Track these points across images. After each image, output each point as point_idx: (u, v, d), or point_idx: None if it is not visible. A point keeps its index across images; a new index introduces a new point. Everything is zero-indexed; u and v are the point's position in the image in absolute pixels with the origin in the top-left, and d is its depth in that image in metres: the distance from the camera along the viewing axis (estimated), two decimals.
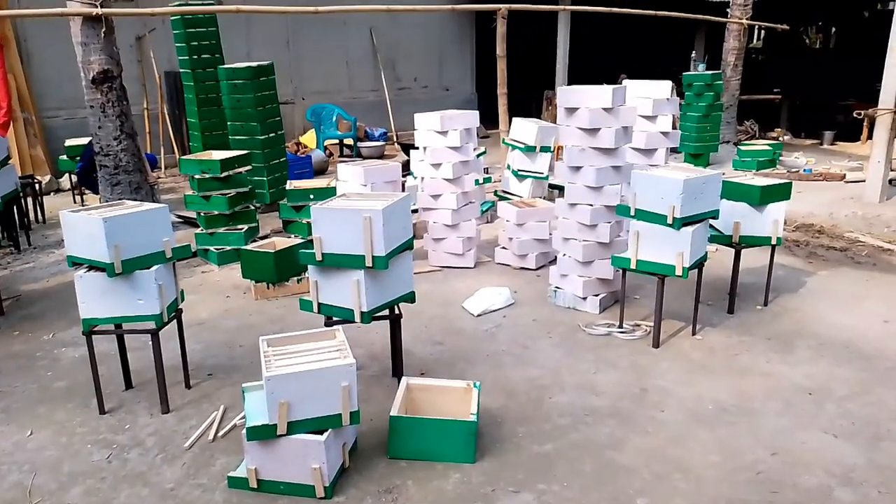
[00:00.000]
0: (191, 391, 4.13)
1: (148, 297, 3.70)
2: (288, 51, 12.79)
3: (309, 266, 3.70)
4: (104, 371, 4.30)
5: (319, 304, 3.74)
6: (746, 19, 12.18)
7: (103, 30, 6.84)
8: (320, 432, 3.04)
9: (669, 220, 4.26)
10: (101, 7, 6.74)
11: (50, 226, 8.28)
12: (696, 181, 4.28)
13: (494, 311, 5.14)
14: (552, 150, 8.00)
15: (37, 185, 8.42)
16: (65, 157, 9.13)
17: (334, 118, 12.40)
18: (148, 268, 3.70)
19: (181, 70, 9.08)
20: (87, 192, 9.05)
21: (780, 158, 11.11)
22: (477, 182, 6.68)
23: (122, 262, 3.60)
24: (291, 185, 6.91)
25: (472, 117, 6.11)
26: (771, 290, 5.32)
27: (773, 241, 4.96)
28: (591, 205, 4.94)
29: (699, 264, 4.55)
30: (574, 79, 13.60)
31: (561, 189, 8.84)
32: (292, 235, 6.82)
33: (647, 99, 5.63)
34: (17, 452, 3.53)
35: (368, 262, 3.49)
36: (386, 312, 3.80)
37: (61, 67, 9.83)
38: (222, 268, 6.40)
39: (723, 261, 5.73)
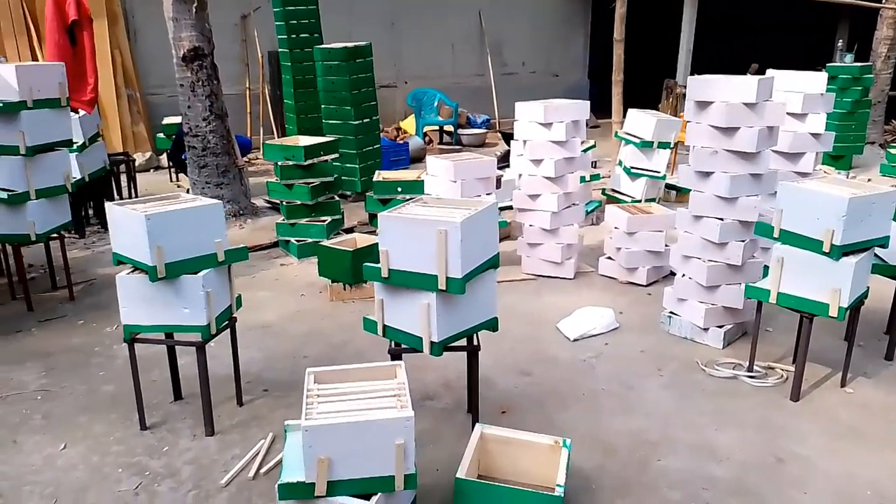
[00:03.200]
0: (242, 409, 3.67)
1: (194, 306, 3.24)
2: (391, 32, 12.32)
3: (375, 282, 3.12)
4: (156, 376, 3.95)
5: (385, 327, 3.17)
6: None
7: (194, 5, 6.54)
8: (367, 496, 2.47)
9: (826, 248, 3.39)
10: None
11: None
12: (863, 200, 3.38)
13: (595, 335, 4.41)
14: (672, 146, 7.10)
15: (131, 163, 8.34)
16: (161, 134, 9.06)
17: (436, 103, 11.85)
18: (196, 272, 3.24)
19: (280, 50, 8.77)
20: (180, 171, 8.93)
21: None
22: (583, 179, 5.93)
23: (165, 265, 3.16)
24: (380, 175, 6.38)
25: (582, 108, 5.35)
26: None
27: None
28: (722, 219, 4.11)
29: (858, 303, 3.64)
30: (698, 68, 12.41)
31: (678, 190, 7.94)
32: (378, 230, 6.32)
33: (797, 93, 4.68)
34: (45, 469, 3.18)
35: (442, 285, 2.87)
36: (462, 342, 3.17)
37: (165, 44, 9.77)
38: (302, 261, 5.98)
39: (879, 290, 4.72)
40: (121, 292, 3.27)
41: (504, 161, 9.19)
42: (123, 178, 8.18)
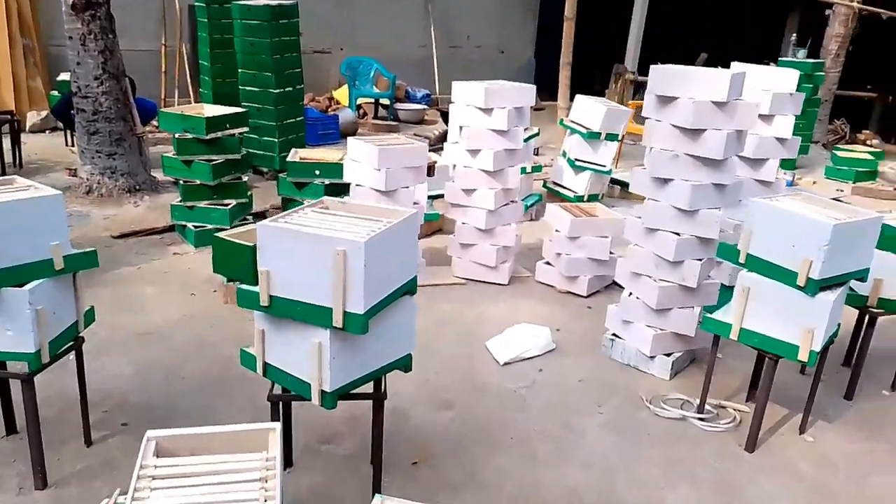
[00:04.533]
0: (91, 450, 2.95)
1: (19, 328, 2.50)
2: None
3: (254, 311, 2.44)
4: None
5: (265, 366, 2.50)
6: (857, 2, 10.39)
7: None
8: None
9: (801, 281, 2.88)
10: None
11: (28, 171, 7.17)
12: (848, 228, 2.88)
13: (528, 358, 3.85)
14: (620, 139, 6.58)
15: (17, 123, 7.31)
16: (56, 92, 8.00)
17: (372, 74, 11.04)
18: (21, 285, 2.49)
19: (196, 3, 7.82)
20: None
21: (880, 169, 9.43)
22: (523, 170, 5.34)
23: None
24: (296, 154, 5.66)
25: (527, 93, 4.73)
26: None
27: None
28: (679, 233, 3.57)
29: (828, 343, 3.17)
30: (647, 54, 11.97)
31: (622, 185, 7.45)
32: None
33: (764, 92, 4.18)
34: None
35: (337, 321, 2.22)
36: (367, 388, 2.53)
37: None
38: (200, 250, 5.20)
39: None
40: None
41: (442, 142, 8.54)
42: (7, 141, 7.18)
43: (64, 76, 7.99)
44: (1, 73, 8.71)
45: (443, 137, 8.80)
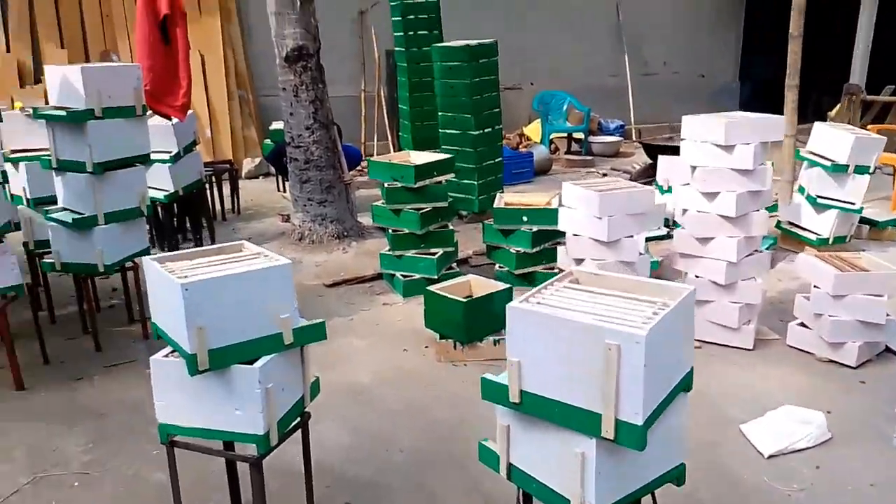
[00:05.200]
0: None
1: (248, 407, 2.33)
2: (517, 27, 11.17)
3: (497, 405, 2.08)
4: (215, 468, 3.07)
5: (510, 467, 2.12)
6: None
7: None
8: None
9: None
10: None
11: (245, 217, 7.58)
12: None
13: (799, 450, 3.17)
14: (871, 171, 5.62)
15: (235, 172, 7.76)
16: (268, 140, 8.45)
17: (564, 107, 10.66)
18: (252, 361, 2.34)
19: (396, 48, 7.92)
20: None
21: None
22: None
23: (210, 351, 2.27)
24: (501, 200, 5.37)
25: (774, 126, 4.07)
26: None
27: None
28: None
29: None
30: (877, 71, 10.54)
31: (872, 224, 6.34)
32: (499, 265, 5.31)
33: None
34: None
35: (608, 432, 1.80)
36: None
37: None
38: (408, 300, 5.05)
39: None
40: (155, 380, 2.42)
41: (646, 176, 7.93)
42: (227, 188, 7.64)
43: (276, 125, 8.42)
44: (220, 125, 9.40)
45: (646, 171, 8.19)
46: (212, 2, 9.10)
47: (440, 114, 6.96)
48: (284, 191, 8.29)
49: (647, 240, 4.97)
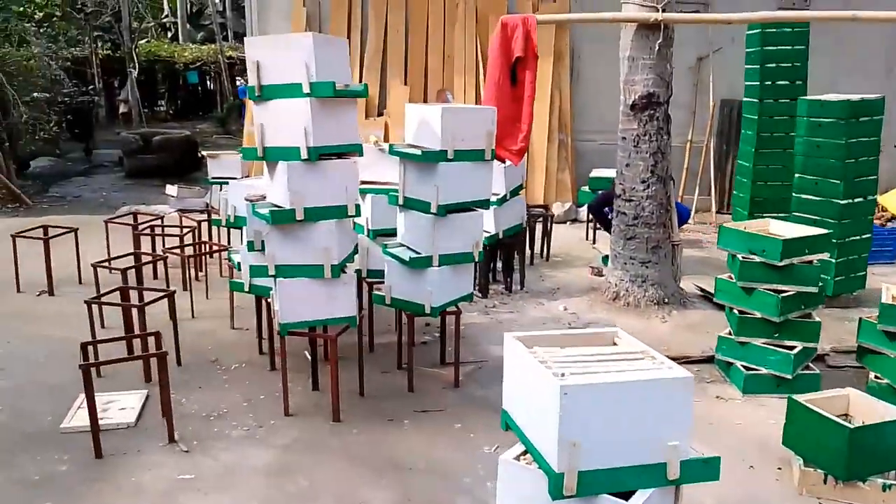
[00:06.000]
0: None
1: None
2: (887, 82, 9.50)
3: None
4: None
5: None
6: None
7: (658, 42, 5.25)
8: None
9: None
10: (662, 11, 5.15)
11: (553, 264, 7.26)
12: None
13: None
14: None
15: (549, 218, 7.48)
16: (586, 188, 8.07)
17: None
18: (622, 494, 1.82)
19: (744, 99, 7.04)
20: (599, 227, 7.78)
21: None
22: None
23: (579, 473, 1.79)
24: (889, 293, 4.25)
25: None
26: None
27: None
28: None
29: None
30: None
31: None
32: (874, 375, 4.22)
33: None
34: None
35: None
36: None
37: (606, 86, 8.80)
38: (748, 398, 4.21)
39: None
40: (501, 483, 2.02)
41: None
42: (539, 231, 7.41)
43: (597, 172, 8.05)
44: (537, 167, 9.27)
45: None
46: (546, 43, 9.06)
47: (797, 175, 5.95)
48: (594, 242, 7.84)
49: None
